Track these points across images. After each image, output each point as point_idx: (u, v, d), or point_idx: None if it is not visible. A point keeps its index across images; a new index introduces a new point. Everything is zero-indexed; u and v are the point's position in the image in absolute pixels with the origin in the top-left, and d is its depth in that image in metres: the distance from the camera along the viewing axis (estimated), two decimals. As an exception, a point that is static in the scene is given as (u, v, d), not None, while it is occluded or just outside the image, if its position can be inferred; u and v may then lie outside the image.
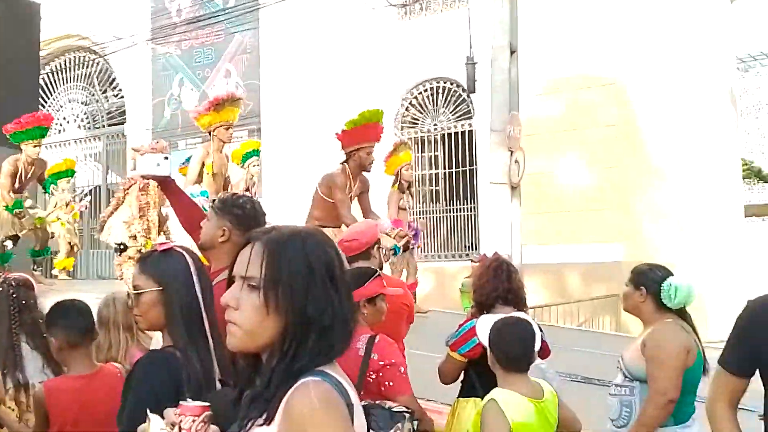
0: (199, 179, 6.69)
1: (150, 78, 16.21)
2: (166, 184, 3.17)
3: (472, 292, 3.48)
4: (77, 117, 17.57)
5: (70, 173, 10.20)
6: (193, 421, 1.42)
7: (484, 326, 3.16)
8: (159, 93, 16.10)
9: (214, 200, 2.89)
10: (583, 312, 10.02)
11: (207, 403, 1.45)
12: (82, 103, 17.55)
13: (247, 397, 1.37)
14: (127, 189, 7.77)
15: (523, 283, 3.55)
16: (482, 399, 3.11)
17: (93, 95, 17.43)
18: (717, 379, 2.33)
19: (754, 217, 26.81)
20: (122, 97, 16.93)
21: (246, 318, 1.34)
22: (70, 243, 10.13)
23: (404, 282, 4.08)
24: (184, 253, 2.10)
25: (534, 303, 9.46)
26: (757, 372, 2.25)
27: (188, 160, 9.19)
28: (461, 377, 3.40)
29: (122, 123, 16.78)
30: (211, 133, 6.56)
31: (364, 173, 5.86)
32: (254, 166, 8.95)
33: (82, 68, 17.31)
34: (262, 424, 1.30)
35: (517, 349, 2.76)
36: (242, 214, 2.71)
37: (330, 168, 5.94)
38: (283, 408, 1.28)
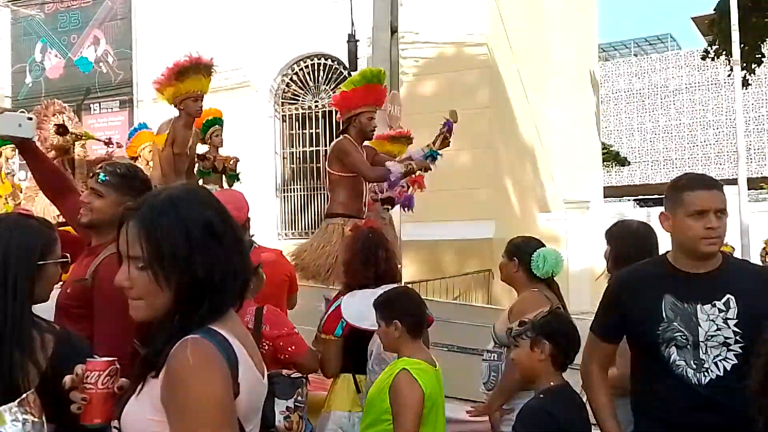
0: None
1: (9, 42, 15.12)
2: (26, 146, 2.90)
3: (342, 273, 3.45)
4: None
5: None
6: (99, 375, 1.47)
7: (348, 306, 3.19)
8: (19, 59, 15.06)
9: (96, 173, 2.65)
10: (457, 287, 10.40)
11: (113, 358, 1.50)
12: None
13: (143, 355, 1.43)
14: None
15: (394, 257, 3.52)
16: (353, 375, 3.20)
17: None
18: (589, 344, 2.54)
19: (611, 198, 28.62)
20: (-23, 61, 15.70)
21: (142, 294, 1.40)
22: None
23: (277, 249, 4.06)
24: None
25: (411, 278, 9.73)
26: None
27: (141, 126, 8.30)
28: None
29: (-23, 89, 15.59)
30: (178, 107, 5.65)
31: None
32: (216, 136, 7.98)
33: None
34: (153, 377, 1.38)
35: (420, 315, 2.82)
36: (143, 187, 2.55)
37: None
38: (165, 364, 1.35)
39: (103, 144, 7.79)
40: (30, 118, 2.84)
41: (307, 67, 12.96)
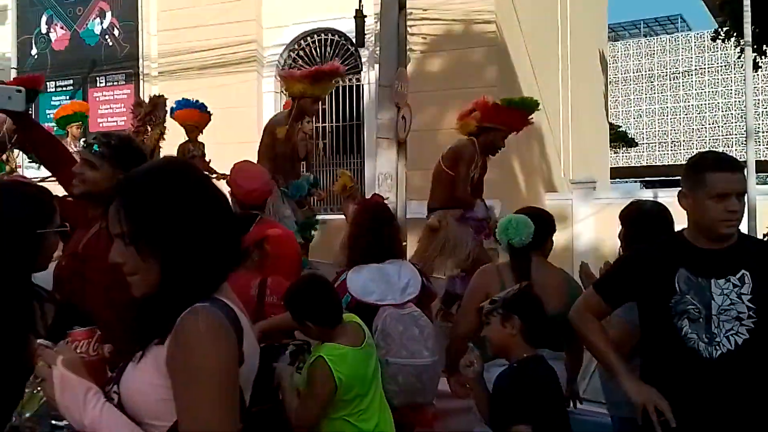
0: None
1: (15, 13, 15.04)
2: (20, 119, 2.91)
3: (347, 247, 3.44)
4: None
5: (79, 117, 8.43)
6: (89, 343, 1.48)
7: (354, 281, 3.19)
8: (25, 30, 14.97)
9: (90, 143, 2.63)
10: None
11: (94, 325, 1.52)
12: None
13: (146, 323, 1.44)
14: None
15: (398, 233, 3.53)
16: None
17: (-52, 29, 15.98)
18: (588, 298, 2.60)
19: (618, 179, 28.51)
20: (-18, 32, 15.62)
21: (134, 269, 1.42)
22: None
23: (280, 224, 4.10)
24: None
25: (416, 256, 9.71)
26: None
27: (186, 102, 8.01)
28: None
29: (-17, 61, 15.52)
30: (296, 100, 5.63)
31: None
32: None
33: (-64, -2, 15.80)
34: (158, 344, 1.39)
35: (330, 305, 2.75)
36: (136, 159, 2.49)
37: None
38: (173, 331, 1.36)
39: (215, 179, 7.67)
40: (19, 91, 2.81)
41: (314, 42, 12.86)
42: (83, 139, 6.97)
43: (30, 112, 2.95)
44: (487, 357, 2.81)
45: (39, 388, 1.49)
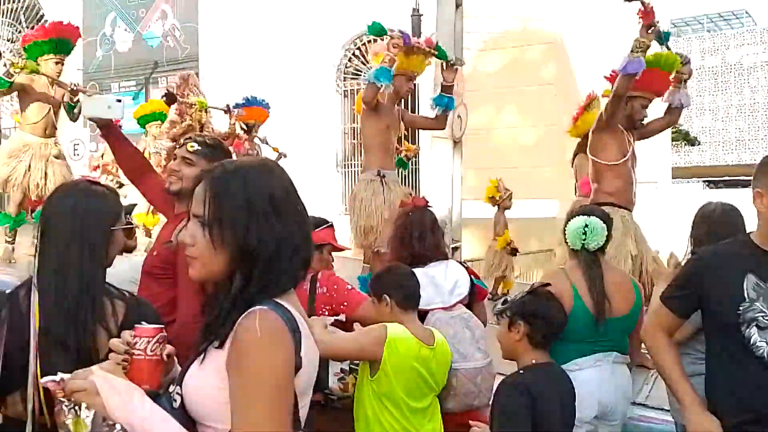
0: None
1: (80, 16, 15.51)
2: (109, 127, 2.99)
3: (388, 252, 3.45)
4: (2, 54, 16.70)
5: (158, 116, 8.28)
6: (148, 342, 1.47)
7: None
8: (90, 32, 15.44)
9: (185, 143, 2.73)
10: (518, 265, 10.29)
11: (161, 326, 1.52)
12: (8, 40, 16.72)
13: (206, 324, 1.44)
14: None
15: (440, 237, 3.43)
16: None
17: (20, 32, 16.59)
18: (658, 313, 2.51)
19: (679, 179, 27.78)
20: (51, 35, 16.18)
21: (199, 252, 1.43)
22: None
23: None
24: None
25: (472, 256, 9.67)
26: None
27: (253, 100, 7.99)
28: None
29: (51, 62, 16.04)
30: None
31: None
32: (157, 128, 7.91)
33: (8, 3, 16.45)
34: (217, 347, 1.39)
35: (410, 288, 2.82)
36: (226, 158, 2.58)
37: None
38: (232, 334, 1.36)
39: (223, 112, 7.63)
40: (119, 100, 2.92)
41: (369, 42, 12.89)
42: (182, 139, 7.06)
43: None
44: None
45: (80, 413, 1.46)
